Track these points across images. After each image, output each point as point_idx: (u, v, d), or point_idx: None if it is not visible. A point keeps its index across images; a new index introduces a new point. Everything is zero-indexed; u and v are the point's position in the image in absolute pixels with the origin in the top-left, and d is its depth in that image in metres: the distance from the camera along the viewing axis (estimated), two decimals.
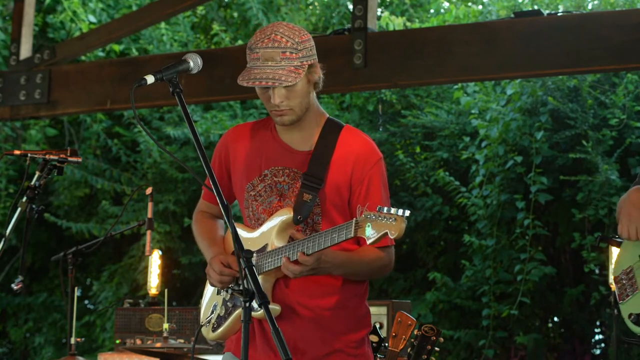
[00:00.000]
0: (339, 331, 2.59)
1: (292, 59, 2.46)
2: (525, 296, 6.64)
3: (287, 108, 2.53)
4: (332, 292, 2.58)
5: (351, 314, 2.62)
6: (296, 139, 2.63)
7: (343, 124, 2.67)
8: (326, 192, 2.56)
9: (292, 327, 2.54)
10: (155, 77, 2.28)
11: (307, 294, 2.56)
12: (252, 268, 2.13)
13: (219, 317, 2.67)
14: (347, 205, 2.59)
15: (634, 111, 6.66)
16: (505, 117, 6.89)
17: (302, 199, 2.53)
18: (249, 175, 2.65)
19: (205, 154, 2.23)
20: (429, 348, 2.68)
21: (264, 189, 2.62)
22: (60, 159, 2.93)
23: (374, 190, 2.57)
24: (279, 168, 2.61)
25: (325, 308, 2.57)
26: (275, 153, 2.63)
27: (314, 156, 2.58)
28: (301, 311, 2.55)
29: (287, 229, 2.55)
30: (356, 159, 2.58)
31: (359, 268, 2.57)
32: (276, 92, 2.49)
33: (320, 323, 2.56)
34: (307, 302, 2.56)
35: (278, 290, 2.56)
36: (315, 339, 2.56)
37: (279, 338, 2.04)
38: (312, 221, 2.57)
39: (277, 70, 2.45)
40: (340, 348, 2.58)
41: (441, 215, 7.33)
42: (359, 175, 2.57)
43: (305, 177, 2.56)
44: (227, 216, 2.19)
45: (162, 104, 7.25)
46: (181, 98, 2.29)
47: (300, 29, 2.53)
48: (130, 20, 6.51)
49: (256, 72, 2.47)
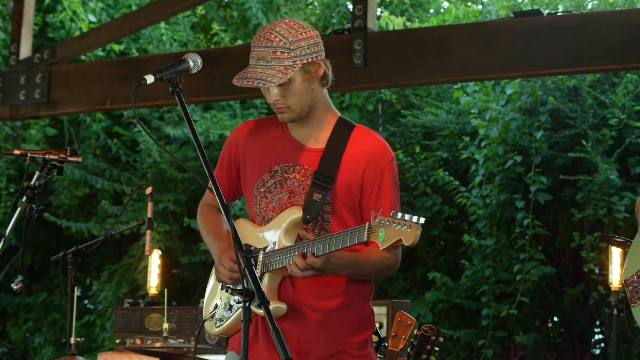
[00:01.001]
0: (343, 332, 2.58)
1: (282, 59, 2.46)
2: (525, 296, 6.64)
3: (285, 106, 2.53)
4: (338, 293, 2.57)
5: (356, 315, 2.61)
6: (307, 136, 2.62)
7: (355, 124, 2.66)
8: (337, 192, 2.55)
9: (298, 327, 2.53)
10: (155, 77, 2.27)
11: (314, 294, 2.55)
12: (252, 268, 2.13)
13: (222, 312, 2.66)
14: (357, 205, 2.58)
15: (634, 111, 6.66)
16: (505, 117, 6.89)
17: (312, 198, 2.52)
18: (260, 171, 2.63)
19: (205, 153, 2.22)
20: (429, 348, 2.68)
21: (274, 186, 2.60)
22: (60, 159, 2.93)
23: (386, 191, 2.56)
24: (290, 165, 2.59)
25: (331, 309, 2.56)
26: (286, 149, 2.62)
27: (325, 155, 2.57)
28: (307, 312, 2.55)
29: (295, 228, 2.53)
30: (368, 158, 2.56)
31: (366, 268, 2.56)
32: (270, 91, 2.51)
33: (325, 324, 2.56)
34: (314, 303, 2.55)
35: (284, 290, 2.55)
36: (319, 339, 2.55)
37: (279, 338, 2.04)
38: (322, 220, 2.56)
39: (267, 71, 2.45)
40: (344, 349, 2.58)
41: (441, 215, 7.33)
42: (371, 175, 2.56)
43: (315, 176, 2.54)
44: (227, 216, 2.19)
45: (162, 104, 7.24)
46: (181, 98, 2.29)
47: (300, 27, 2.51)
48: (130, 20, 6.51)
49: (250, 72, 2.48)
